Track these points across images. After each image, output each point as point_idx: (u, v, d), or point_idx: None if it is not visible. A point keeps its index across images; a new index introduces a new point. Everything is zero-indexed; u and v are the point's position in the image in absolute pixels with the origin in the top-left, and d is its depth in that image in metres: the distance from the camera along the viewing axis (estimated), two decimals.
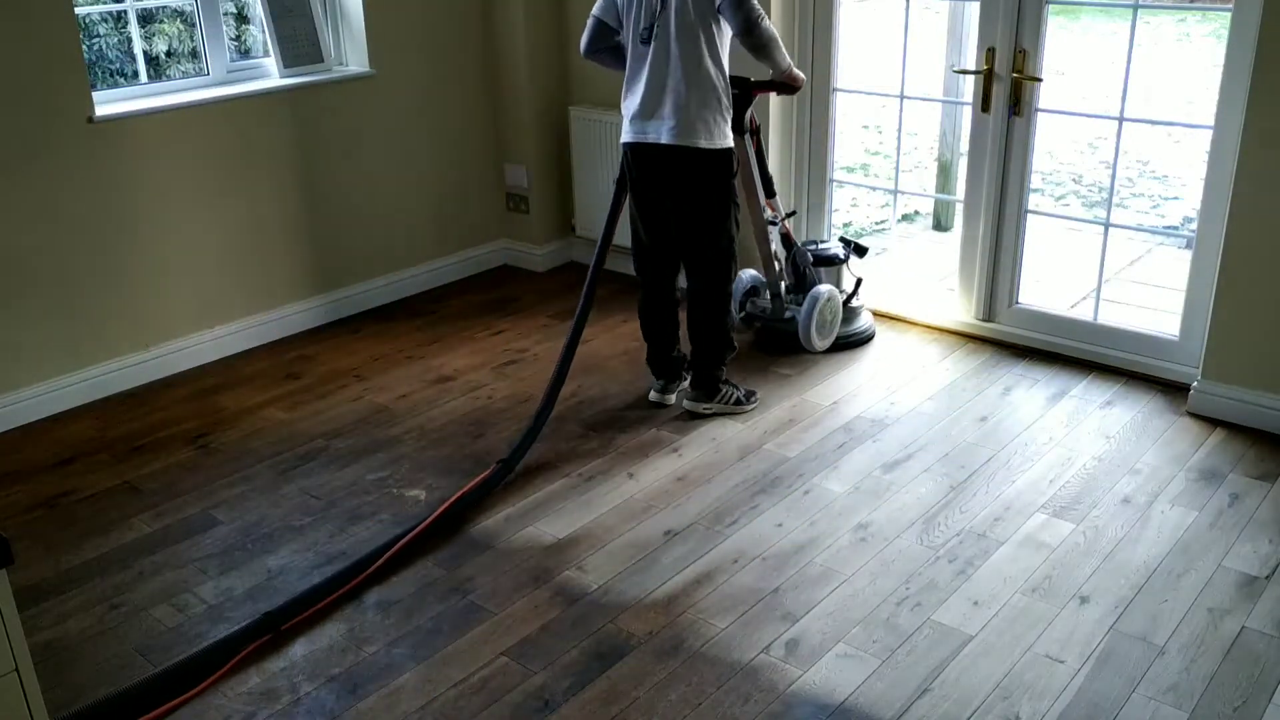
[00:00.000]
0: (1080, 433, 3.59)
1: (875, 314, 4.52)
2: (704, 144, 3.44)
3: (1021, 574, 2.89)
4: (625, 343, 4.36)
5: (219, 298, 4.26)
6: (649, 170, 3.56)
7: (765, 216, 4.08)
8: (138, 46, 4.16)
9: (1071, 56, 9.65)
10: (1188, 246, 4.66)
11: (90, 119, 3.74)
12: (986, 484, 3.32)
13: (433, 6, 4.68)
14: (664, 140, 3.45)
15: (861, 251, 4.34)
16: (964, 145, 4.56)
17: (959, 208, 4.42)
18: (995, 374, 4.02)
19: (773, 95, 4.32)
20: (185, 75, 4.29)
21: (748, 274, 4.39)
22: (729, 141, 3.50)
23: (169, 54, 4.31)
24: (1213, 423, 3.62)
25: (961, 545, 3.02)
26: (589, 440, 3.64)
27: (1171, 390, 3.83)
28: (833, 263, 4.32)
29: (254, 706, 2.49)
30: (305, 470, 3.49)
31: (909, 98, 4.44)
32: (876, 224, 6.46)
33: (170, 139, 3.99)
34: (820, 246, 4.36)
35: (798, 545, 3.04)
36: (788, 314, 4.22)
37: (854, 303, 4.32)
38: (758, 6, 3.36)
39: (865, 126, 8.30)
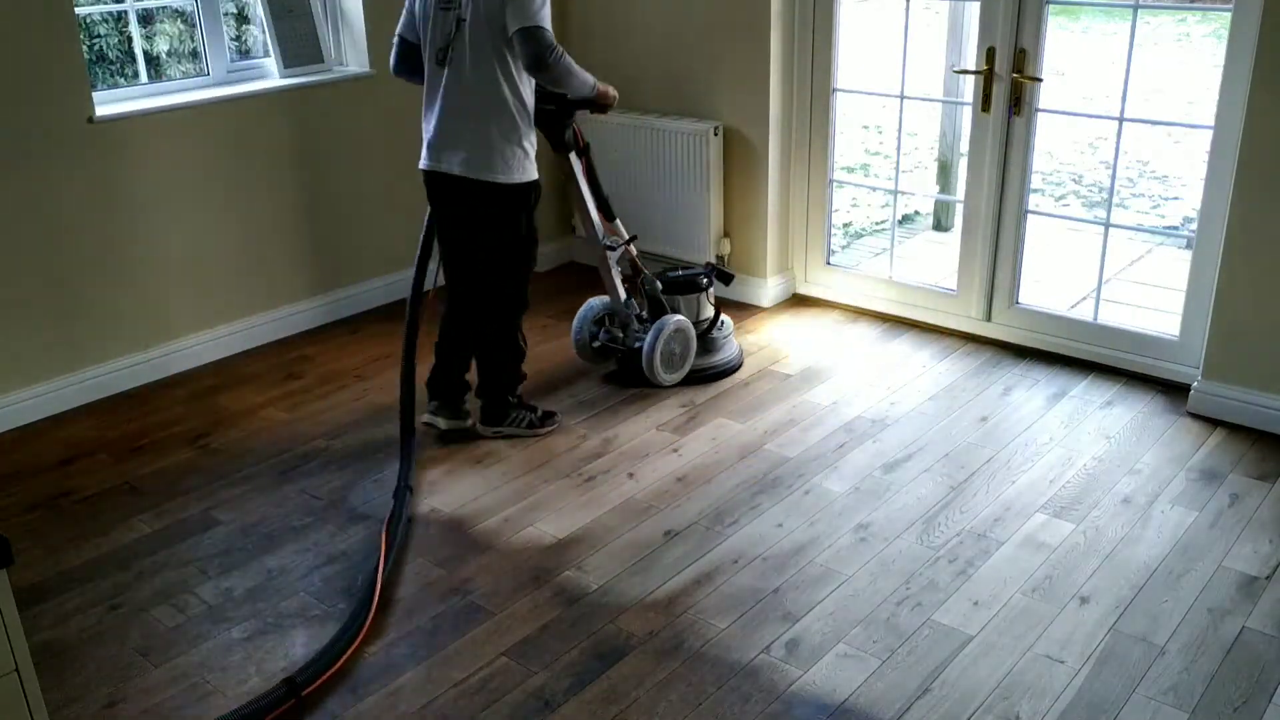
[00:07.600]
0: (1080, 433, 3.59)
1: (877, 315, 4.52)
2: (501, 178, 3.23)
3: (1021, 574, 2.89)
4: None
5: (219, 298, 4.26)
6: (443, 201, 3.38)
7: (604, 241, 3.85)
8: (138, 46, 4.16)
9: (1071, 56, 9.65)
10: (1188, 246, 4.66)
11: (90, 119, 3.74)
12: (987, 484, 3.32)
13: None
14: (456, 172, 3.26)
15: (726, 279, 4.08)
16: (964, 145, 4.56)
17: (959, 208, 4.42)
18: (995, 374, 4.02)
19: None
20: (185, 75, 4.28)
21: (598, 301, 4.05)
22: (531, 175, 3.31)
23: (169, 54, 4.30)
24: (1213, 423, 3.62)
25: (961, 545, 3.02)
26: (589, 440, 3.64)
27: (1171, 390, 3.83)
28: (691, 289, 3.99)
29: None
30: (305, 470, 3.49)
31: (909, 98, 4.44)
32: (877, 224, 6.46)
33: (170, 139, 3.99)
34: (683, 272, 4.06)
35: (798, 545, 3.04)
36: (638, 344, 3.89)
37: (715, 333, 4.03)
38: (550, 39, 3.10)
39: (865, 126, 8.30)
